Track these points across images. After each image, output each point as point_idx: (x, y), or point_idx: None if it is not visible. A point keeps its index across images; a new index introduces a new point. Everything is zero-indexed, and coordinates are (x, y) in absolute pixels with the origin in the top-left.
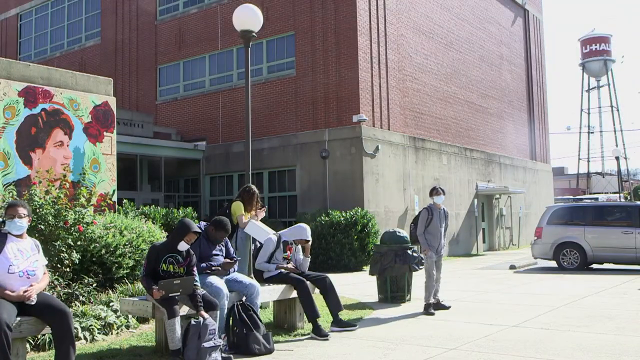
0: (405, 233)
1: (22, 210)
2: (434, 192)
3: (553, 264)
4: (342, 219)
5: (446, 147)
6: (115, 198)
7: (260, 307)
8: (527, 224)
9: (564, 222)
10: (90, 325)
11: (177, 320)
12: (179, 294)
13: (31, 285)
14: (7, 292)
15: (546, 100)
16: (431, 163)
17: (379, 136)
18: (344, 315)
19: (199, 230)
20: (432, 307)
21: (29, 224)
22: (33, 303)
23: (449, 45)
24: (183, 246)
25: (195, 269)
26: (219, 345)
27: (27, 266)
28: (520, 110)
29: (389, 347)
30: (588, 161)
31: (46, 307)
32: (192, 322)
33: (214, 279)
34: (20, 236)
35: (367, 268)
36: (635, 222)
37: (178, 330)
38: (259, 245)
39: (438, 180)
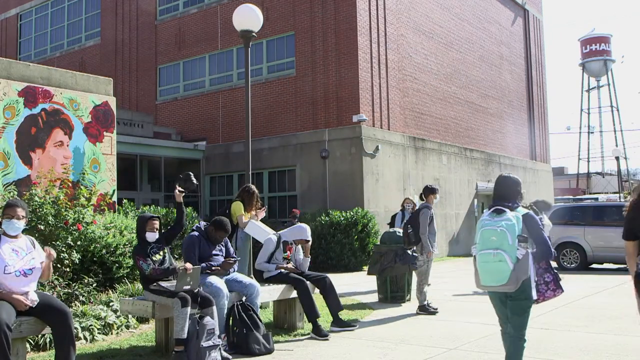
0: None
1: (21, 212)
2: (436, 191)
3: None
4: (342, 219)
5: (446, 147)
6: (115, 198)
7: (260, 307)
8: None
9: (563, 222)
10: (90, 325)
11: (189, 310)
12: (189, 287)
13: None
14: (6, 292)
15: (546, 100)
16: (431, 163)
17: (379, 136)
18: (344, 315)
19: (155, 215)
20: (428, 305)
21: (26, 225)
22: (34, 306)
23: (449, 45)
24: (151, 236)
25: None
26: (218, 345)
27: (22, 265)
28: (520, 110)
29: (389, 347)
30: (588, 161)
31: (46, 307)
32: (189, 323)
33: (213, 279)
34: (15, 236)
35: (367, 268)
36: None
37: (188, 320)
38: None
39: (438, 180)
